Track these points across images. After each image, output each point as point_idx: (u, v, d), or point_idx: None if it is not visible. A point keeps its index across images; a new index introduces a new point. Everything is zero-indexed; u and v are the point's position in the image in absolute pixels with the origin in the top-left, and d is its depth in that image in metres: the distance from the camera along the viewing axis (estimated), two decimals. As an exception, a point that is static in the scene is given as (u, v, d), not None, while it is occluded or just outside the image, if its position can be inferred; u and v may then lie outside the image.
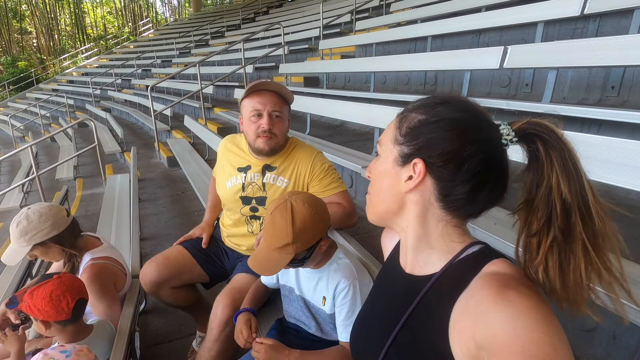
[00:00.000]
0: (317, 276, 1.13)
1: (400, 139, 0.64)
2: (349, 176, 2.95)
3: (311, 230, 1.00)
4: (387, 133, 0.68)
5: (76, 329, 1.22)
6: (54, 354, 0.99)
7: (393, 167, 0.65)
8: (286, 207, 1.00)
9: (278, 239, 0.98)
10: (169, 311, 2.04)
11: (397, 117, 0.67)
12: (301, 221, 0.98)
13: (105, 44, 25.12)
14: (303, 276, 1.19)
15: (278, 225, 0.99)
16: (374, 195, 0.71)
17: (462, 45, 4.08)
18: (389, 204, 0.68)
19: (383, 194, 0.68)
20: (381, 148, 0.69)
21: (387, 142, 0.67)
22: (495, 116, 1.63)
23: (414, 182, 0.63)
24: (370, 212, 0.73)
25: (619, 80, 2.54)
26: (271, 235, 1.00)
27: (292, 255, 0.98)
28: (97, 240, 1.61)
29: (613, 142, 1.36)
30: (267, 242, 1.01)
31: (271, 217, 1.01)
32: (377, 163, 0.70)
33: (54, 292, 1.13)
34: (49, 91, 16.41)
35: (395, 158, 0.65)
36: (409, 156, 0.63)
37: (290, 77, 6.23)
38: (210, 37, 13.96)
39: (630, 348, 1.20)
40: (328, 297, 1.09)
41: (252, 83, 1.44)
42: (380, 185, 0.69)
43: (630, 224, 1.87)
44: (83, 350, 1.04)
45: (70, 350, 1.01)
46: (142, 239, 2.92)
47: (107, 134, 7.38)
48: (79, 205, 4.22)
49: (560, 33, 3.17)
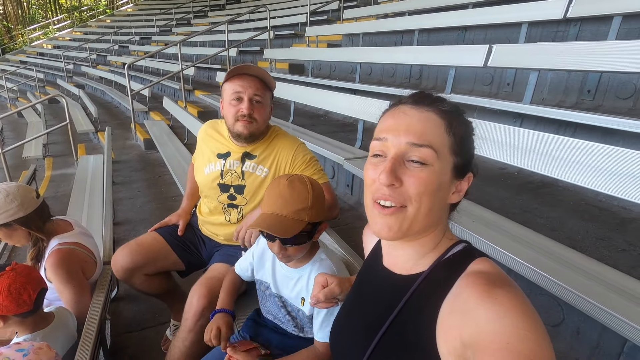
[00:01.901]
0: (296, 275, 1.10)
1: (457, 148, 0.60)
2: (331, 167, 2.94)
3: (322, 204, 1.03)
4: (437, 136, 0.58)
5: (36, 319, 1.17)
6: (9, 353, 0.93)
7: (450, 179, 0.61)
8: (302, 177, 1.04)
9: (296, 202, 0.97)
10: (142, 298, 1.99)
11: (442, 119, 0.60)
12: (318, 190, 1.03)
13: (79, 15, 23.76)
14: (280, 274, 1.14)
15: (297, 189, 0.99)
16: (422, 213, 0.59)
17: (448, 41, 4.10)
18: (434, 220, 0.62)
19: (436, 210, 0.61)
20: (435, 154, 0.57)
21: (442, 149, 0.58)
22: (476, 114, 1.66)
23: (462, 193, 0.63)
24: (406, 229, 0.60)
25: (595, 85, 2.63)
26: (287, 200, 0.98)
27: (305, 222, 0.97)
28: (68, 224, 1.54)
29: (588, 146, 1.41)
30: (281, 207, 0.97)
31: (289, 182, 1.00)
32: (430, 172, 0.58)
33: (12, 286, 1.07)
34: (17, 63, 15.45)
35: (451, 169, 0.60)
36: (465, 168, 0.62)
37: (275, 63, 6.10)
38: (193, 16, 13.45)
39: (592, 342, 1.27)
40: (308, 298, 1.06)
41: (234, 67, 1.39)
42: (434, 200, 0.59)
43: (600, 224, 1.95)
44: (42, 348, 0.99)
45: (27, 348, 0.96)
46: (116, 224, 2.82)
47: (80, 111, 7.05)
48: (48, 186, 4.02)
49: (543, 35, 3.23)
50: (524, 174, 2.48)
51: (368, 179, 0.62)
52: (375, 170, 0.61)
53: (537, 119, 2.54)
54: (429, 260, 0.64)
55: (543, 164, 1.56)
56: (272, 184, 1.05)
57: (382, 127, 0.63)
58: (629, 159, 1.28)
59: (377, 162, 0.62)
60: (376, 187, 0.60)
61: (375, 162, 0.62)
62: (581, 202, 2.12)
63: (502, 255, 1.33)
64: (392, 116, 0.63)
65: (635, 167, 1.25)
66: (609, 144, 1.37)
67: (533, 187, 2.35)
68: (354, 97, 3.04)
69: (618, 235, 1.77)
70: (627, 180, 1.27)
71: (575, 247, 1.49)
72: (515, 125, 2.68)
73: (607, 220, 1.91)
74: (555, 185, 2.32)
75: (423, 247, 0.65)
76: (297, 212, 0.97)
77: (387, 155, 0.60)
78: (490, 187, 2.34)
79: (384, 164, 0.59)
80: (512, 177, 2.50)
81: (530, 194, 2.26)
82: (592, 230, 1.82)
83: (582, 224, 1.88)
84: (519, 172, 2.51)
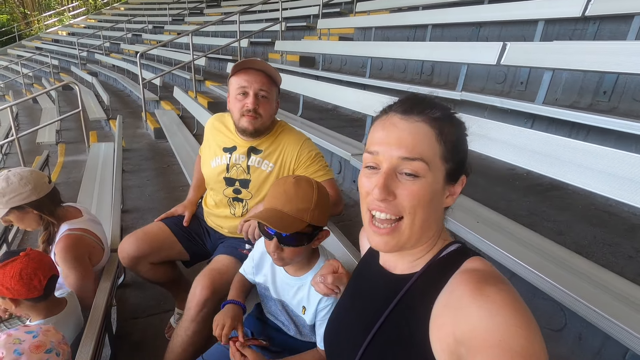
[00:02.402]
0: (297, 284, 1.08)
1: (448, 156, 0.60)
2: (338, 162, 2.93)
3: (325, 208, 1.01)
4: (427, 147, 0.59)
5: (48, 305, 1.20)
6: (18, 334, 0.95)
7: (443, 186, 0.61)
8: (310, 179, 1.04)
9: (299, 201, 0.96)
10: (148, 286, 2.02)
11: (432, 128, 0.59)
12: (324, 195, 1.02)
13: (94, 3, 23.92)
14: (280, 280, 1.12)
15: (303, 189, 0.99)
16: (417, 224, 0.60)
17: (462, 37, 4.02)
18: (430, 228, 0.63)
19: (431, 219, 0.62)
20: (426, 166, 0.58)
21: (433, 160, 0.59)
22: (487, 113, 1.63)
23: (456, 196, 0.64)
24: (403, 242, 0.62)
25: (612, 86, 2.56)
26: (290, 197, 0.97)
27: (305, 222, 0.95)
28: (78, 211, 1.57)
29: (598, 150, 1.38)
30: (283, 203, 0.97)
31: (295, 181, 1.00)
32: (422, 184, 0.59)
33: (23, 271, 1.10)
34: (32, 49, 15.64)
35: (444, 176, 0.61)
36: (458, 172, 0.63)
37: (285, 55, 6.07)
38: (206, 5, 13.42)
39: (594, 349, 1.26)
40: (309, 308, 1.05)
41: (240, 61, 1.39)
42: (428, 210, 0.60)
43: (608, 230, 1.92)
44: (50, 330, 1.02)
45: (36, 330, 0.98)
46: (124, 211, 2.87)
47: (93, 99, 7.13)
48: (60, 172, 4.10)
49: (560, 33, 3.15)
50: (533, 176, 2.44)
51: (363, 191, 0.64)
52: (369, 182, 0.62)
53: (549, 120, 2.49)
54: (424, 260, 0.65)
55: (551, 166, 1.53)
56: (279, 181, 1.04)
57: (373, 140, 0.63)
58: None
59: (370, 173, 0.63)
60: (371, 200, 0.62)
61: (369, 173, 0.63)
62: (590, 206, 2.08)
63: (505, 258, 1.32)
64: (383, 127, 0.62)
65: (647, 173, 1.22)
66: (622, 148, 1.34)
67: (542, 189, 2.32)
68: (362, 92, 3.01)
69: (626, 241, 1.74)
70: (638, 187, 1.24)
71: (582, 253, 1.47)
72: (526, 125, 2.64)
73: (616, 226, 1.88)
74: (564, 189, 2.28)
75: (419, 251, 0.66)
76: (299, 211, 0.96)
77: (379, 167, 0.61)
78: (498, 188, 2.31)
79: (377, 177, 0.60)
80: (521, 178, 2.46)
81: (539, 196, 2.23)
82: (600, 235, 1.79)
83: (590, 229, 1.85)
84: (527, 174, 2.47)
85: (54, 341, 0.99)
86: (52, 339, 0.99)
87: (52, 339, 0.99)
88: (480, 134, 1.80)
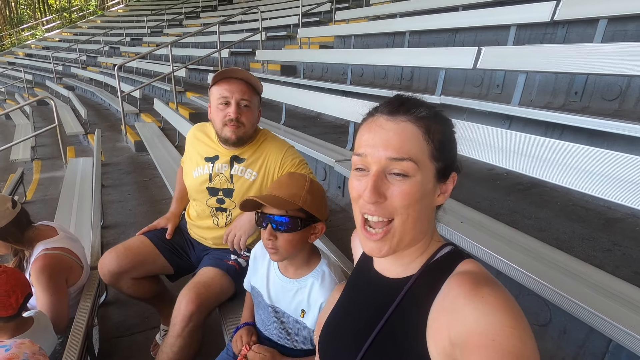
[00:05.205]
0: (295, 287, 1.06)
1: (437, 154, 0.60)
2: (323, 169, 2.94)
3: (318, 198, 1.03)
4: (415, 147, 0.59)
5: (17, 324, 1.16)
6: None
7: (433, 185, 0.61)
8: (305, 174, 1.11)
9: (292, 186, 1.01)
10: (132, 303, 1.96)
11: (419, 127, 0.60)
12: (316, 185, 1.06)
13: (69, 16, 23.47)
14: (277, 284, 1.10)
15: (296, 177, 1.05)
16: (409, 224, 0.60)
17: (439, 43, 4.13)
18: (422, 227, 0.63)
19: (423, 218, 0.62)
20: (415, 165, 0.58)
21: (422, 159, 0.59)
22: (466, 116, 1.67)
23: (448, 194, 0.64)
24: (395, 244, 0.62)
25: (582, 86, 2.67)
26: (283, 184, 1.03)
27: (298, 205, 0.98)
28: (53, 230, 1.51)
29: (572, 147, 1.43)
30: (277, 189, 1.02)
31: (289, 174, 1.10)
32: (412, 184, 0.59)
33: (1, 288, 1.05)
34: (5, 64, 15.18)
35: (434, 175, 0.61)
36: (448, 170, 0.63)
37: (266, 65, 6.09)
38: (185, 17, 13.37)
39: (578, 342, 1.28)
40: (310, 312, 1.04)
41: (220, 70, 1.38)
42: (420, 209, 0.60)
43: (586, 225, 1.98)
44: (25, 343, 0.99)
45: (10, 344, 0.95)
46: (105, 227, 2.79)
47: (70, 113, 6.95)
48: (36, 189, 3.96)
49: (531, 37, 3.27)
50: (513, 175, 2.50)
51: (354, 193, 0.63)
52: (359, 184, 0.62)
53: (525, 121, 2.57)
54: (418, 263, 0.65)
55: (528, 165, 1.57)
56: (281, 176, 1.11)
57: (360, 142, 0.63)
58: (612, 161, 1.30)
59: (360, 175, 0.62)
60: (362, 203, 0.61)
61: (358, 175, 0.63)
62: (568, 202, 2.14)
63: (490, 257, 1.34)
64: (370, 130, 0.62)
65: (618, 168, 1.27)
66: (595, 145, 1.39)
67: (522, 188, 2.38)
68: (344, 99, 3.05)
69: (604, 235, 1.80)
70: (611, 182, 1.29)
71: (562, 248, 1.51)
72: (504, 126, 2.71)
73: (593, 221, 1.94)
74: (543, 186, 2.35)
75: (413, 253, 0.66)
76: (291, 195, 0.99)
77: (368, 169, 0.61)
78: (480, 188, 2.36)
79: (366, 179, 0.60)
80: (502, 178, 2.52)
81: (519, 194, 2.29)
82: (578, 230, 1.85)
83: (569, 224, 1.91)
84: (508, 173, 2.53)
85: (27, 352, 0.95)
86: (27, 350, 0.96)
87: (25, 351, 0.95)
88: (460, 136, 1.83)
